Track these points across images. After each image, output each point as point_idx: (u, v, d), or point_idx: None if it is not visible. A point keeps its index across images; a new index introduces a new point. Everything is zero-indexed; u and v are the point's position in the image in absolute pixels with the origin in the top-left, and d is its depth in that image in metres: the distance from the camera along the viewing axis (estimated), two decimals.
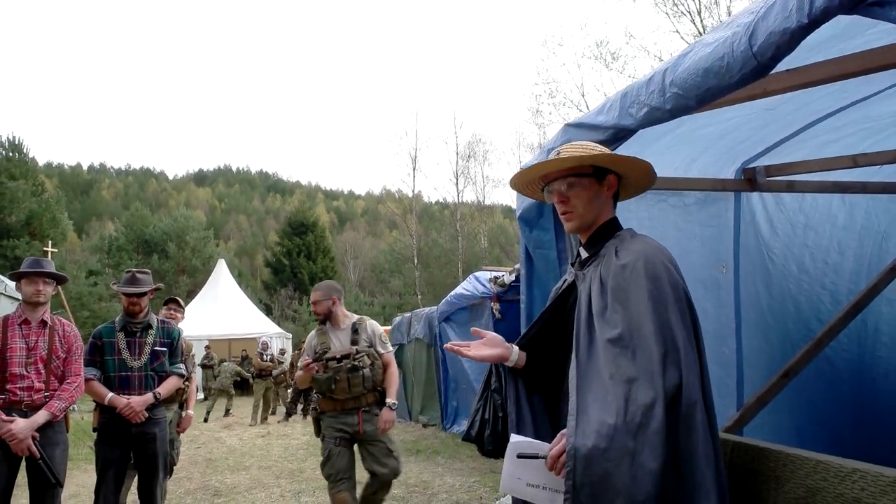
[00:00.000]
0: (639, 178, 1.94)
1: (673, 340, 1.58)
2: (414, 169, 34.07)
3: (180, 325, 4.95)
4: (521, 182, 2.03)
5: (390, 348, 4.41)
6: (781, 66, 1.91)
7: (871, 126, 3.06)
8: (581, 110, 22.80)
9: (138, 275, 4.18)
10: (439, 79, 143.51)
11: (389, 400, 4.20)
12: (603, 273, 1.75)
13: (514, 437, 1.73)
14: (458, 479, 6.73)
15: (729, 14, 17.40)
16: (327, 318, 4.30)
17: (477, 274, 9.27)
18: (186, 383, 5.01)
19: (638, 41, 34.72)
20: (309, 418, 12.31)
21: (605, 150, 1.92)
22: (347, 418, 4.15)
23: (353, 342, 4.24)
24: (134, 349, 4.05)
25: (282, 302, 39.14)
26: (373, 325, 4.38)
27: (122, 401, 3.88)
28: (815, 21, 1.63)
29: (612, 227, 1.88)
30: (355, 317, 4.42)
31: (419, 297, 31.40)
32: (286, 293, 39.65)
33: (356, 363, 4.11)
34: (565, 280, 2.01)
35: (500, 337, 2.01)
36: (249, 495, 6.55)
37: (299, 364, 4.46)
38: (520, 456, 1.67)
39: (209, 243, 44.51)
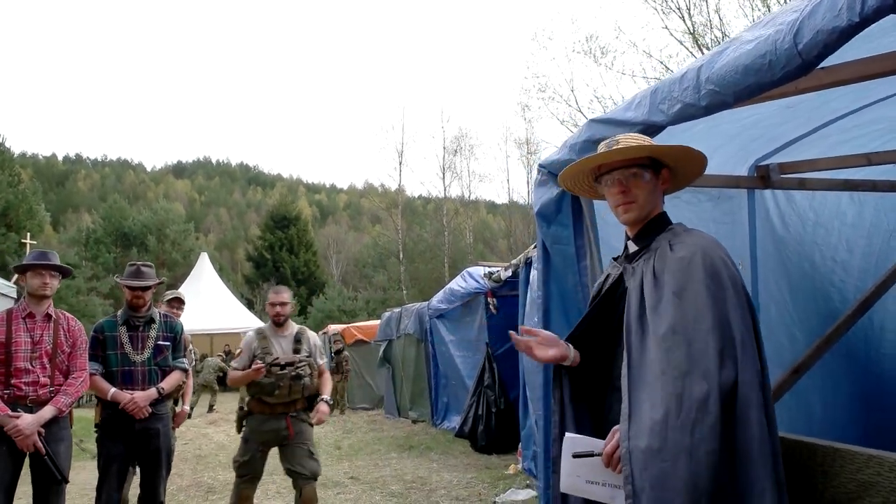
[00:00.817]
0: (687, 174, 1.95)
1: (731, 336, 1.56)
2: (400, 163, 33.99)
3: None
4: (572, 172, 2.00)
5: (326, 360, 4.59)
6: None
7: (887, 126, 3.09)
8: (570, 105, 22.82)
9: (143, 268, 4.10)
10: (426, 73, 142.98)
11: (325, 396, 4.37)
12: (657, 266, 1.72)
13: (569, 435, 1.71)
14: (454, 474, 6.72)
15: (717, 12, 17.55)
16: (283, 322, 4.39)
17: (470, 270, 9.26)
18: (184, 378, 4.94)
19: (627, 36, 34.83)
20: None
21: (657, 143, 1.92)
22: (275, 423, 4.24)
23: (296, 351, 4.34)
24: (137, 343, 3.98)
25: (264, 296, 38.75)
26: (313, 337, 4.55)
27: (125, 396, 3.82)
28: (867, 20, 1.63)
29: (662, 221, 1.87)
30: (297, 326, 4.54)
31: (404, 292, 31.30)
32: (268, 287, 39.30)
33: (300, 372, 4.24)
34: (608, 274, 1.99)
35: (555, 336, 1.97)
36: None
37: (235, 364, 4.42)
38: (575, 455, 1.65)
39: (189, 236, 44.04)
